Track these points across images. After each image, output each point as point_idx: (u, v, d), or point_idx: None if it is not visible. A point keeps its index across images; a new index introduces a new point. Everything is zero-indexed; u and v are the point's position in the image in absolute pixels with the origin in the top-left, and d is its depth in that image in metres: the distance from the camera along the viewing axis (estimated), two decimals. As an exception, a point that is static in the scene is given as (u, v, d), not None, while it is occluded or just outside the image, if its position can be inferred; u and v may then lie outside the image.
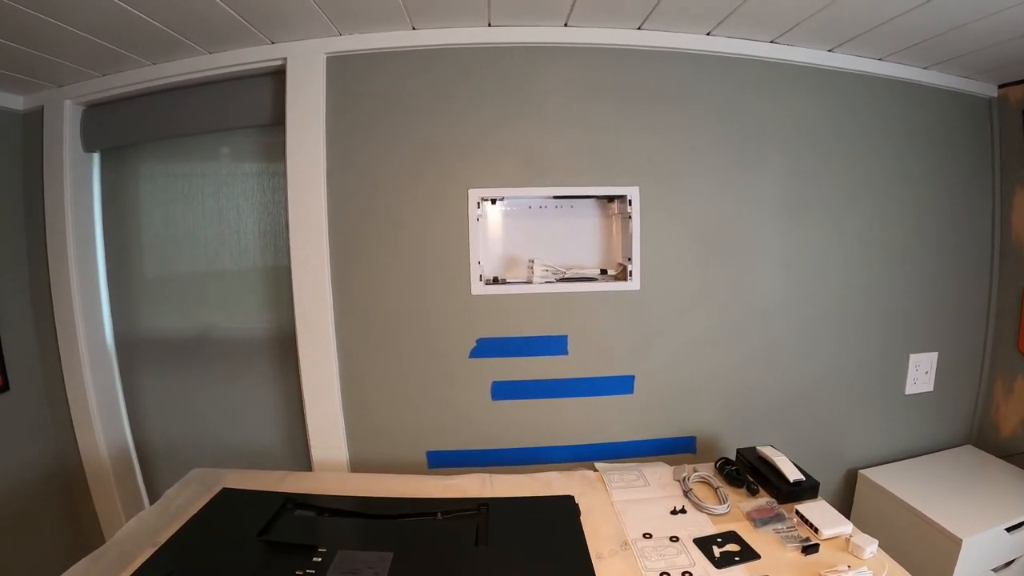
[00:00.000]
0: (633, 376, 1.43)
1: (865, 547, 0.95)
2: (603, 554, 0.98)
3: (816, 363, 1.51)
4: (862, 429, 1.58)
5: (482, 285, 1.36)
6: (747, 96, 1.38)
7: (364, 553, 0.95)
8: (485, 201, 1.35)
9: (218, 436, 1.60)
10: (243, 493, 1.18)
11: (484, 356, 1.38)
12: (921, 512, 1.31)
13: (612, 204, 1.41)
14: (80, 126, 1.49)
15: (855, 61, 1.42)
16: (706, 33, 1.32)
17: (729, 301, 1.44)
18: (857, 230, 1.49)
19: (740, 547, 0.99)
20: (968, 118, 1.55)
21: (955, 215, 1.56)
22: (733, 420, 1.48)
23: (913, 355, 1.57)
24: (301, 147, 1.32)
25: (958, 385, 1.63)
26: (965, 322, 1.62)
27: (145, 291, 1.60)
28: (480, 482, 1.25)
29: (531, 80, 1.32)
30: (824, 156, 1.44)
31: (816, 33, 1.30)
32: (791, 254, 1.46)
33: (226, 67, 1.34)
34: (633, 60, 1.33)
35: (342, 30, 1.27)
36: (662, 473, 1.28)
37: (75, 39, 1.18)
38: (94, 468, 1.56)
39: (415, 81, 1.31)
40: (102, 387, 1.56)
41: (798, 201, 1.44)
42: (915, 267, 1.54)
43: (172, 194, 1.55)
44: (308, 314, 1.36)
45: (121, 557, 0.97)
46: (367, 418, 1.41)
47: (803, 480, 1.16)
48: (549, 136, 1.34)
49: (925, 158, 1.51)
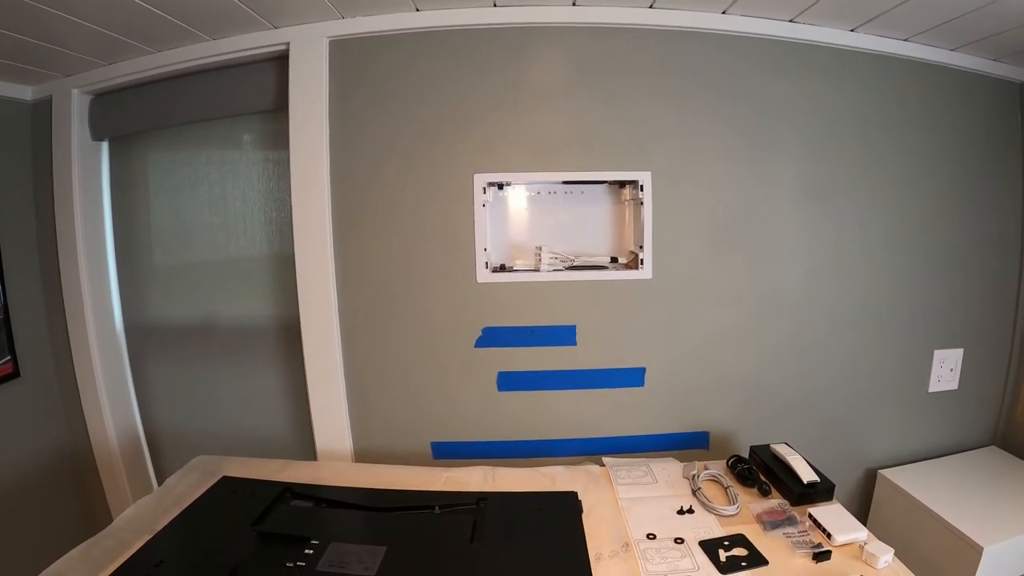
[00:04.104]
0: (644, 368, 1.39)
1: (880, 556, 0.90)
2: (603, 555, 0.95)
3: (836, 357, 1.45)
4: (882, 428, 1.51)
5: (488, 273, 1.33)
6: (764, 77, 1.32)
7: (356, 547, 0.94)
8: (491, 186, 1.32)
9: (226, 423, 1.61)
10: (242, 482, 1.18)
11: (490, 346, 1.36)
12: (941, 517, 1.26)
13: (623, 189, 1.37)
14: (88, 115, 1.50)
15: (879, 42, 1.34)
16: (722, 12, 1.26)
17: (745, 291, 1.39)
18: (879, 219, 1.42)
19: (747, 551, 0.95)
20: (996, 104, 1.46)
21: (982, 206, 1.47)
22: (748, 415, 1.43)
23: (938, 351, 1.50)
24: (304, 132, 1.30)
25: (984, 384, 1.55)
26: (992, 318, 1.53)
27: (154, 278, 1.61)
28: (483, 475, 1.23)
29: (537, 62, 1.28)
30: (844, 141, 1.37)
31: (838, 11, 1.23)
32: (809, 243, 1.40)
33: (229, 53, 1.33)
34: (645, 40, 1.28)
35: (344, 13, 1.25)
36: (671, 470, 1.24)
37: (82, 29, 1.18)
38: (104, 454, 1.58)
39: (418, 64, 1.28)
40: (112, 374, 1.58)
41: (817, 188, 1.38)
42: (940, 260, 1.46)
43: (179, 181, 1.56)
44: (312, 302, 1.35)
45: (118, 544, 0.97)
46: (371, 408, 1.40)
47: (818, 482, 1.11)
48: (557, 119, 1.30)
49: (950, 146, 1.43)
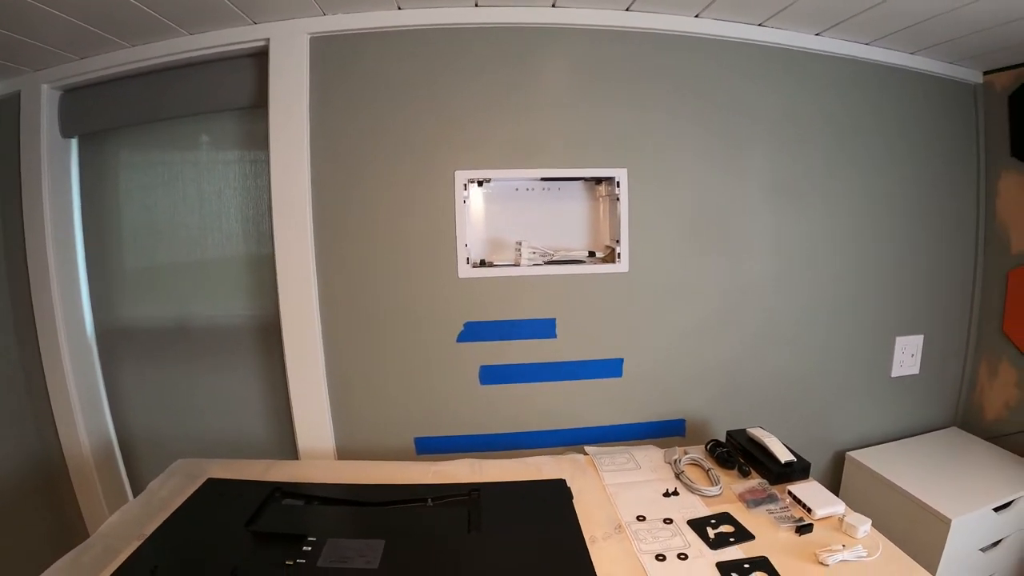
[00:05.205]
0: (622, 359, 1.42)
1: (859, 526, 0.96)
2: (597, 537, 0.98)
3: (804, 346, 1.52)
4: (849, 412, 1.59)
5: (469, 268, 1.34)
6: (735, 79, 1.38)
7: (354, 541, 0.94)
8: (472, 183, 1.34)
9: (202, 426, 1.57)
10: (229, 483, 1.16)
11: (472, 340, 1.37)
12: (910, 493, 1.32)
13: (600, 186, 1.40)
14: (58, 111, 1.45)
15: (842, 45, 1.42)
16: (695, 15, 1.31)
17: (718, 284, 1.44)
18: (845, 214, 1.49)
19: (734, 528, 1.00)
20: (953, 104, 1.56)
21: (940, 200, 1.57)
22: (721, 403, 1.49)
23: (899, 338, 1.58)
24: (284, 130, 1.29)
25: (943, 368, 1.65)
26: (951, 305, 1.63)
27: (126, 279, 1.56)
28: (470, 467, 1.24)
29: (519, 61, 1.30)
30: (812, 139, 1.44)
31: (806, 16, 1.29)
32: (779, 238, 1.46)
33: (207, 48, 1.30)
34: (622, 41, 1.32)
35: (326, 10, 1.24)
36: (653, 456, 1.28)
37: (53, 20, 1.13)
38: (76, 461, 1.52)
39: (400, 62, 1.29)
40: (83, 378, 1.52)
41: (786, 185, 1.44)
42: (901, 251, 1.55)
43: (153, 180, 1.51)
44: (292, 300, 1.34)
45: (106, 552, 0.94)
46: (354, 405, 1.39)
47: (794, 461, 1.17)
48: (537, 118, 1.32)
49: (911, 143, 1.52)
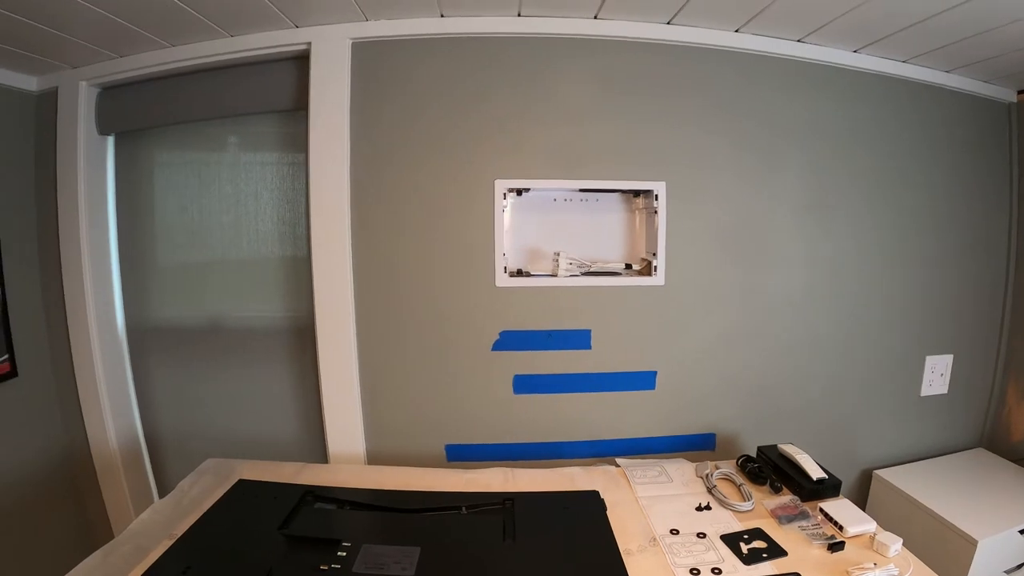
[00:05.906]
0: (655, 372, 1.42)
1: (890, 545, 0.96)
2: (632, 550, 0.98)
3: (833, 363, 1.51)
4: (877, 430, 1.58)
5: (506, 277, 1.35)
6: (772, 94, 1.38)
7: (389, 548, 0.94)
8: (511, 192, 1.34)
9: (229, 426, 1.58)
10: (260, 485, 1.17)
11: (506, 349, 1.37)
12: (937, 513, 1.32)
13: (637, 199, 1.40)
14: (95, 108, 1.46)
15: (879, 63, 1.42)
16: (735, 30, 1.32)
17: (749, 298, 1.44)
18: (876, 231, 1.49)
19: (767, 544, 0.99)
20: (987, 122, 1.56)
21: (972, 218, 1.56)
22: (750, 418, 1.48)
23: (929, 357, 1.57)
24: (324, 134, 1.30)
25: (972, 388, 1.64)
26: (980, 325, 1.62)
27: (158, 277, 1.57)
28: (503, 476, 1.24)
29: (559, 72, 1.30)
30: (844, 156, 1.44)
31: (845, 33, 1.29)
32: (810, 254, 1.46)
33: (248, 51, 1.32)
34: (661, 54, 1.32)
35: (369, 15, 1.25)
36: (684, 469, 1.28)
37: (92, 17, 1.14)
38: (103, 457, 1.54)
39: (441, 70, 1.29)
40: (112, 375, 1.54)
41: (818, 201, 1.44)
42: (932, 269, 1.54)
43: (188, 179, 1.53)
44: (328, 304, 1.34)
45: (136, 550, 0.94)
46: (386, 410, 1.40)
47: (826, 478, 1.16)
48: (576, 128, 1.32)
49: (943, 161, 1.52)
